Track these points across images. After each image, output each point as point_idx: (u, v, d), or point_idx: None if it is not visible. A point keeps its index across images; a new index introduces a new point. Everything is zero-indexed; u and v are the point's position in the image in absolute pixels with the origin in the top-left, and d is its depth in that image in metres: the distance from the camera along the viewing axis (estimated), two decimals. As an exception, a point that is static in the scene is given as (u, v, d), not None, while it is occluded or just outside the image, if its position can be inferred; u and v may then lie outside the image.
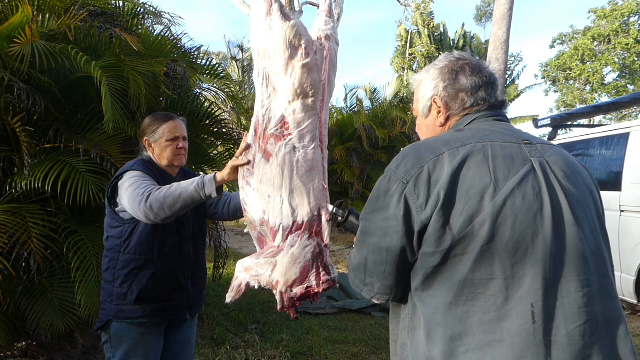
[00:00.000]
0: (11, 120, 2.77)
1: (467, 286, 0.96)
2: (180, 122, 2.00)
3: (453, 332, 0.97)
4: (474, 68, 1.19)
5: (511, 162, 1.01)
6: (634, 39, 24.69)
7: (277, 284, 1.56)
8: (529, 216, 0.96)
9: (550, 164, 1.04)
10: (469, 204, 0.97)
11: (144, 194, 1.70)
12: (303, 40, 1.55)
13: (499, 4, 9.89)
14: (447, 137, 1.08)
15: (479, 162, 1.00)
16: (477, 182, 0.98)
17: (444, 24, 19.80)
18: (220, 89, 4.46)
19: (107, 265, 1.90)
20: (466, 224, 0.96)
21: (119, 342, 1.87)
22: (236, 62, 17.56)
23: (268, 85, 1.61)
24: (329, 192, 1.66)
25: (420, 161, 1.03)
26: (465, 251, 0.97)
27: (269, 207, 1.59)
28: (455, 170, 0.99)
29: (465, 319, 0.96)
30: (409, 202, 1.01)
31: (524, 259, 0.95)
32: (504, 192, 0.97)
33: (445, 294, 0.98)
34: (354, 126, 10.06)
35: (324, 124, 1.67)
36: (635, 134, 4.54)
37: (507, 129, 1.12)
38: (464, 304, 0.96)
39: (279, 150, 1.57)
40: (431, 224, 0.98)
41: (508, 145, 1.04)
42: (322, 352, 3.57)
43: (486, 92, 1.18)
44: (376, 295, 1.14)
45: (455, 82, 1.18)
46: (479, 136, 1.06)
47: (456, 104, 1.18)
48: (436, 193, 0.98)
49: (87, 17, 3.20)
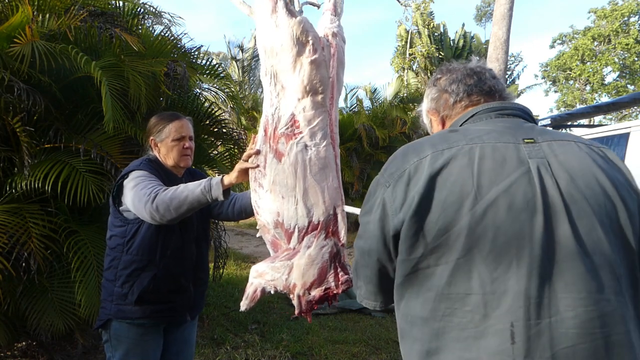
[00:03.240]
0: (11, 120, 2.77)
1: (443, 300, 0.90)
2: (187, 122, 1.99)
3: (429, 348, 0.92)
4: (451, 69, 1.17)
5: (501, 166, 0.92)
6: (634, 39, 24.68)
7: (295, 287, 1.51)
8: (514, 228, 0.87)
9: (553, 166, 0.93)
10: (445, 212, 0.90)
11: (150, 194, 1.68)
12: (310, 36, 1.52)
13: (499, 4, 9.88)
14: (436, 138, 1.02)
15: (462, 166, 0.92)
16: (456, 188, 0.90)
17: (444, 24, 19.78)
18: (220, 89, 4.46)
19: (109, 264, 1.89)
20: (441, 232, 0.90)
21: (118, 341, 1.87)
22: (236, 62, 17.54)
23: (276, 83, 1.58)
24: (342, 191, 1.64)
25: (404, 164, 0.98)
26: (439, 262, 0.91)
27: (283, 208, 1.55)
28: (433, 175, 0.93)
29: (441, 335, 0.91)
30: (386, 205, 0.97)
31: (506, 273, 0.86)
32: (486, 201, 0.88)
33: (421, 308, 0.93)
34: (354, 126, 10.04)
35: (334, 121, 1.64)
36: (635, 134, 4.53)
37: (510, 126, 1.01)
38: (440, 319, 0.91)
39: (290, 149, 1.54)
40: (403, 229, 0.93)
41: (502, 146, 0.95)
42: (322, 352, 3.57)
43: (466, 83, 1.12)
44: (363, 300, 1.12)
45: (436, 88, 1.17)
46: (470, 137, 0.97)
47: (441, 104, 1.16)
48: (411, 197, 0.93)
49: (87, 17, 3.20)
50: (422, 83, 18.30)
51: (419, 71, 19.08)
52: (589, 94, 26.82)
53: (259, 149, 1.62)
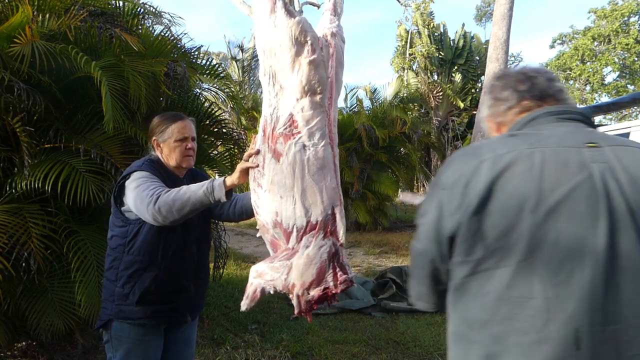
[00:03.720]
0: (11, 120, 2.77)
1: (503, 304, 0.90)
2: (190, 123, 1.99)
3: (489, 352, 0.91)
4: (504, 75, 1.17)
5: (563, 170, 0.90)
6: (634, 39, 24.68)
7: (294, 287, 1.51)
8: (576, 233, 0.86)
9: (617, 171, 0.91)
10: (506, 215, 0.89)
11: (153, 196, 1.68)
12: (309, 36, 1.52)
13: (499, 4, 9.89)
14: (495, 142, 1.01)
15: (523, 170, 0.92)
16: (517, 192, 0.90)
17: (444, 24, 19.77)
18: (220, 89, 4.46)
19: (110, 264, 1.89)
20: (501, 235, 0.90)
21: (119, 342, 1.87)
22: (236, 62, 17.54)
23: (275, 83, 1.58)
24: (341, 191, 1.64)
25: (462, 167, 0.98)
26: (499, 265, 0.90)
27: (281, 208, 1.55)
28: (494, 178, 0.92)
29: (502, 339, 0.90)
30: (442, 207, 0.98)
31: (569, 278, 0.86)
32: (548, 205, 0.88)
33: (480, 311, 0.93)
34: (354, 126, 10.05)
35: (333, 122, 1.64)
36: (635, 134, 4.54)
37: (570, 130, 1.00)
38: (501, 323, 0.90)
39: (288, 149, 1.54)
40: (461, 231, 0.93)
41: (564, 150, 0.93)
42: (322, 352, 3.57)
43: (517, 89, 1.10)
44: (416, 301, 1.11)
45: (490, 95, 1.17)
46: (530, 141, 0.96)
47: (496, 111, 1.16)
48: (470, 200, 0.93)
49: (87, 17, 3.20)
50: (422, 83, 18.31)
51: (419, 71, 19.07)
52: (589, 94, 26.83)
53: (258, 149, 1.63)
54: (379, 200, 10.21)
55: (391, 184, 10.28)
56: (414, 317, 4.45)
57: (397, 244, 8.47)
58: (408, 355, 3.56)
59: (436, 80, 19.19)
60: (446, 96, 18.12)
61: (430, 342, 3.78)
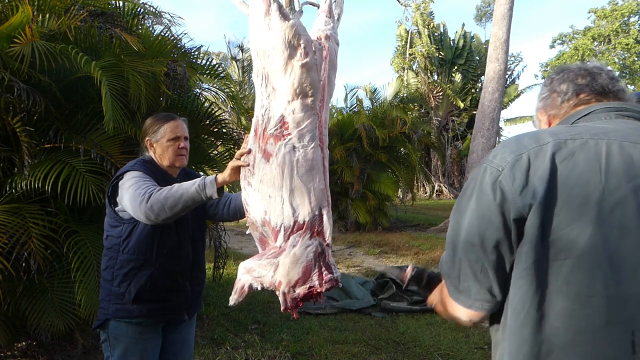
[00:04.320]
0: (11, 120, 2.77)
1: (560, 299, 0.85)
2: (182, 122, 2.01)
3: (540, 350, 0.87)
4: (564, 69, 1.13)
5: (630, 165, 0.86)
6: (634, 39, 24.71)
7: (280, 285, 1.55)
8: None
9: None
10: (570, 204, 0.84)
11: (145, 194, 1.70)
12: (302, 39, 1.55)
13: (499, 4, 9.90)
14: (555, 129, 0.95)
15: (588, 159, 0.87)
16: (582, 181, 0.85)
17: (444, 24, 19.80)
18: (220, 89, 4.46)
19: (106, 264, 1.91)
20: (562, 226, 0.84)
21: (117, 341, 1.87)
22: (236, 62, 17.57)
23: (267, 85, 1.61)
24: (329, 192, 1.66)
25: (520, 148, 0.91)
26: (557, 257, 0.85)
27: (270, 207, 1.59)
28: (557, 163, 0.87)
29: (557, 336, 0.85)
30: (504, 187, 0.89)
31: (632, 278, 0.82)
32: (614, 199, 0.83)
33: (534, 304, 0.87)
34: (354, 126, 10.05)
35: (324, 124, 1.67)
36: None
37: (633, 127, 0.95)
38: (556, 318, 0.85)
39: (278, 150, 1.57)
40: (530, 216, 0.86)
41: (629, 146, 0.89)
42: (322, 352, 3.57)
43: (576, 83, 1.06)
44: (474, 303, 0.98)
45: (547, 88, 1.14)
46: (593, 132, 0.91)
47: (549, 104, 1.11)
48: (534, 184, 0.86)
49: (87, 17, 3.20)
50: (422, 83, 18.33)
51: (419, 71, 19.08)
52: (589, 94, 26.82)
53: (250, 148, 1.66)
54: (379, 200, 10.21)
55: (391, 184, 10.28)
56: (414, 317, 4.45)
57: (397, 244, 8.46)
58: (408, 355, 3.57)
59: (436, 80, 19.20)
60: (446, 96, 18.14)
61: (430, 342, 3.78)
